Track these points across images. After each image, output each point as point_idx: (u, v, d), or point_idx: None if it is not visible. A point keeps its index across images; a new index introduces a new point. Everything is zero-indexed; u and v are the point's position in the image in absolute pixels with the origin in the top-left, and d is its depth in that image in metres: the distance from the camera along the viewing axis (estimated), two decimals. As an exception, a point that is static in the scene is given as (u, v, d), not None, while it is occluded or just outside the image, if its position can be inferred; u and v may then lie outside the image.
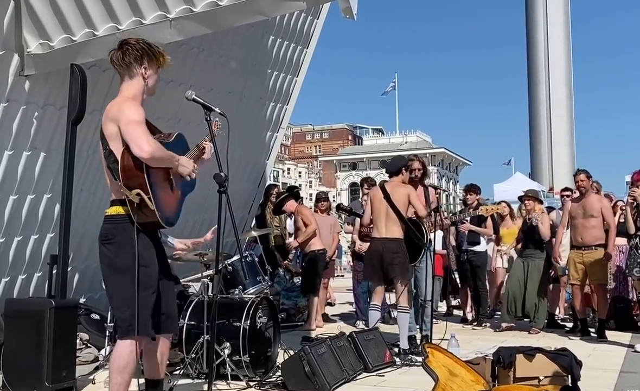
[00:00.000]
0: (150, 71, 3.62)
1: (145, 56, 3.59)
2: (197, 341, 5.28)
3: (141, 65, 3.59)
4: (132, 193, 3.42)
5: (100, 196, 6.94)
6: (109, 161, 3.53)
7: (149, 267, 3.52)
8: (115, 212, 3.55)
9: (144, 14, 5.26)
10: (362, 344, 5.80)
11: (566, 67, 53.64)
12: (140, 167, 3.41)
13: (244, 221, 9.76)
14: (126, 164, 3.41)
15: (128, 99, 3.55)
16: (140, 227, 3.49)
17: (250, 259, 6.38)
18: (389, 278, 6.56)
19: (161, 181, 3.56)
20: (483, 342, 7.43)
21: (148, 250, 3.55)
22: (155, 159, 3.42)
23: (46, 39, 5.49)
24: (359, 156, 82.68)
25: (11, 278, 6.33)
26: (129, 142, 3.38)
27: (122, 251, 3.47)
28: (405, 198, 6.56)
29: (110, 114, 3.50)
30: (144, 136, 3.39)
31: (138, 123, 3.42)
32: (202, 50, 7.02)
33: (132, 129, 3.39)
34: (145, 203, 3.42)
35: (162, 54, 3.66)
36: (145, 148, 3.35)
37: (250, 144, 9.02)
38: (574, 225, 8.19)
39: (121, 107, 3.49)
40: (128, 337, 3.45)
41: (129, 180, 3.43)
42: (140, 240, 3.48)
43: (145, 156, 3.36)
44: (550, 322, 8.91)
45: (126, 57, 3.59)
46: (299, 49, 8.91)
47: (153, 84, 3.67)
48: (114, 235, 3.52)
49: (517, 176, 28.06)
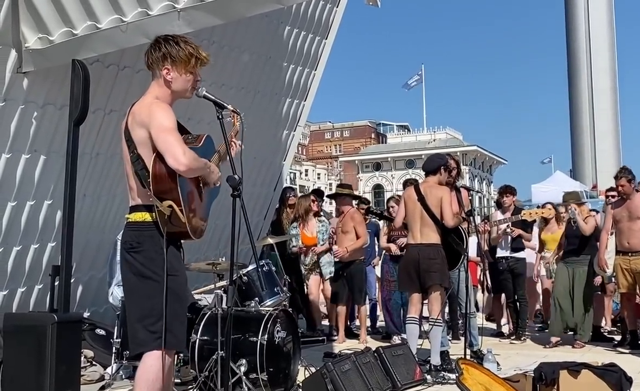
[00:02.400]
0: (175, 74, 3.62)
1: (168, 57, 3.60)
2: (211, 358, 5.28)
3: (163, 66, 3.62)
4: (164, 205, 3.45)
5: (104, 201, 6.99)
6: (136, 166, 3.54)
7: (179, 276, 3.59)
8: (142, 219, 3.57)
9: (150, 4, 5.29)
10: (390, 360, 5.77)
11: (610, 56, 53.17)
12: (173, 178, 3.44)
13: (260, 227, 9.78)
14: (158, 174, 3.44)
15: (156, 102, 3.57)
16: (167, 236, 3.53)
17: (266, 269, 6.38)
18: (426, 286, 6.53)
19: (192, 190, 3.61)
20: (522, 357, 7.36)
21: (178, 259, 3.61)
22: (191, 171, 3.46)
23: (45, 33, 5.53)
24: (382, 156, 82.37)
25: (10, 291, 6.38)
26: (164, 153, 3.40)
27: (150, 260, 3.51)
28: (439, 200, 6.53)
29: (140, 118, 3.52)
30: (180, 146, 3.40)
31: (171, 131, 3.44)
32: (212, 42, 7.04)
33: (165, 138, 3.41)
34: (177, 216, 3.46)
35: (192, 55, 3.65)
36: (183, 160, 3.37)
37: (265, 143, 9.03)
38: (619, 229, 8.11)
39: (151, 112, 3.50)
40: (158, 349, 3.47)
41: (161, 191, 3.46)
42: (169, 249, 3.53)
43: (183, 168, 3.39)
44: (595, 335, 8.81)
45: (149, 58, 3.66)
46: (317, 40, 8.91)
47: (181, 87, 3.67)
48: (139, 243, 3.54)
49: (558, 176, 27.81)
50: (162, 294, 3.46)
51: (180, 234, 3.57)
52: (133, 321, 3.56)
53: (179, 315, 3.58)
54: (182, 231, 3.54)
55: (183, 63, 3.62)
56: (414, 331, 6.59)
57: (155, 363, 3.48)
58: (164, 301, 3.46)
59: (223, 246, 8.21)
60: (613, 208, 8.27)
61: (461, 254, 6.73)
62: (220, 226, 8.32)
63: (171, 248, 3.57)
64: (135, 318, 3.54)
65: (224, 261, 6.14)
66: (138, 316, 3.52)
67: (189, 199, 3.54)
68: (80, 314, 6.05)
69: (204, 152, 3.69)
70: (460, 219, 6.73)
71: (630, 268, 7.92)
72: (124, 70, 6.36)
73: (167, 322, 3.48)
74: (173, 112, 3.58)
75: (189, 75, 3.67)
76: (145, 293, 3.52)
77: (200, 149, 3.67)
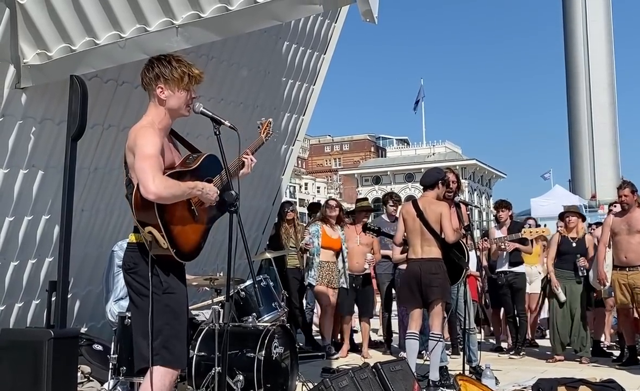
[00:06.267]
0: (168, 92, 3.66)
1: (160, 77, 3.65)
2: (208, 374, 5.26)
3: (156, 86, 3.66)
4: (145, 231, 3.50)
5: (102, 216, 6.99)
6: (127, 190, 3.63)
7: (176, 294, 3.62)
8: (136, 240, 3.64)
9: (148, 20, 5.30)
10: (388, 376, 5.73)
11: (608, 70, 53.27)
12: (151, 206, 3.46)
13: (258, 242, 9.77)
14: (138, 201, 3.48)
15: (144, 127, 3.61)
16: (159, 257, 3.57)
17: (264, 284, 6.38)
18: (428, 301, 6.51)
19: (180, 213, 3.60)
20: (521, 373, 7.36)
21: (172, 277, 3.63)
22: (163, 199, 3.46)
23: (44, 49, 5.55)
24: (382, 169, 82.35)
25: (7, 306, 6.37)
26: (138, 180, 3.45)
27: (146, 279, 3.56)
28: (438, 216, 6.53)
29: (129, 142, 3.59)
30: (150, 174, 3.42)
31: (148, 158, 3.46)
32: (211, 58, 7.06)
33: (140, 166, 3.45)
34: (158, 241, 3.49)
35: (185, 73, 3.68)
36: (151, 189, 3.39)
37: (264, 158, 9.02)
38: (616, 243, 8.09)
39: (137, 137, 3.55)
40: (160, 365, 3.53)
41: (141, 217, 3.51)
42: (163, 268, 3.57)
43: (151, 197, 3.41)
44: (595, 350, 8.80)
45: (143, 79, 3.72)
46: (315, 55, 8.94)
47: (175, 105, 3.70)
48: (135, 263, 3.61)
49: (557, 190, 27.89)
50: (160, 312, 3.53)
51: (170, 255, 3.58)
52: (138, 337, 3.63)
53: (178, 332, 3.60)
54: (169, 255, 3.56)
55: (176, 82, 3.66)
56: (414, 346, 6.56)
57: (157, 379, 3.53)
58: (164, 319, 3.52)
59: (221, 261, 8.19)
60: (612, 219, 8.25)
61: (463, 269, 6.72)
62: (218, 241, 8.31)
63: (167, 267, 3.60)
64: (139, 334, 3.61)
65: (222, 276, 6.14)
66: (141, 333, 3.59)
67: (174, 223, 3.54)
68: (77, 330, 6.03)
69: (201, 172, 3.72)
70: (460, 234, 6.73)
71: (628, 283, 7.90)
72: (123, 85, 6.38)
73: (164, 339, 3.52)
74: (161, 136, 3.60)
75: (183, 92, 3.69)
76: (145, 311, 3.57)
77: (194, 171, 3.70)
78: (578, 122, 52.98)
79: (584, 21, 52.64)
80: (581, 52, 53.00)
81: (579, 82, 52.93)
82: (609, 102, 52.52)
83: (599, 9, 52.27)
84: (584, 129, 52.44)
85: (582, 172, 51.98)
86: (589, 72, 52.25)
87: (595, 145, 51.41)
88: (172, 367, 3.58)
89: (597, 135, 51.45)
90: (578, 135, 52.97)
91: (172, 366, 3.58)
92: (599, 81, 51.92)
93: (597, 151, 51.21)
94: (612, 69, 53.38)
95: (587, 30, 52.34)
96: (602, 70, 52.23)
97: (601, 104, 51.81)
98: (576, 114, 53.22)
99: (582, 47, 52.98)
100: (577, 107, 53.11)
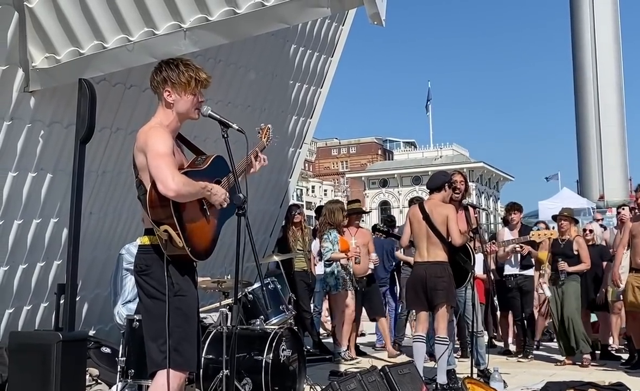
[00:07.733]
0: (176, 96, 3.69)
1: (168, 81, 3.68)
2: (216, 377, 5.28)
3: (164, 89, 3.69)
4: (160, 230, 3.51)
5: (110, 219, 7.00)
6: (139, 192, 3.66)
7: (187, 296, 3.64)
8: (149, 242, 3.65)
9: (156, 24, 5.31)
10: (396, 379, 5.74)
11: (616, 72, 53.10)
12: (167, 203, 3.48)
13: (265, 245, 9.77)
14: (153, 200, 3.50)
15: (154, 127, 3.64)
16: (172, 258, 3.58)
17: (272, 287, 6.38)
18: (433, 304, 6.51)
19: (193, 213, 3.63)
20: (530, 376, 7.34)
21: (185, 279, 3.65)
22: (181, 196, 3.50)
23: (52, 53, 5.57)
24: (389, 172, 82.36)
25: (16, 309, 6.38)
26: (155, 179, 3.48)
27: (157, 282, 3.59)
28: (445, 218, 6.52)
29: (139, 143, 3.61)
30: (169, 172, 3.45)
31: (163, 156, 3.50)
32: (218, 61, 7.07)
33: (156, 164, 3.48)
34: (174, 240, 3.50)
35: (192, 77, 3.71)
36: (171, 186, 3.43)
37: (272, 161, 8.98)
38: (634, 245, 8.02)
39: (148, 138, 3.57)
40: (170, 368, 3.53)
41: (157, 216, 3.52)
42: (175, 270, 3.59)
43: (171, 194, 3.44)
44: (603, 353, 8.76)
45: (152, 82, 3.75)
46: (323, 58, 8.94)
47: (183, 108, 3.72)
48: (148, 266, 3.63)
49: (564, 192, 27.82)
50: (172, 314, 3.54)
51: (183, 256, 3.59)
52: (148, 340, 3.64)
53: (188, 335, 3.62)
54: (184, 254, 3.57)
55: (183, 86, 3.69)
56: (421, 349, 6.57)
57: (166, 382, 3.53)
58: (175, 322, 3.54)
59: (228, 264, 8.19)
60: (632, 222, 8.19)
61: (468, 272, 6.71)
62: (226, 244, 8.31)
63: (178, 268, 3.62)
64: (149, 338, 3.62)
65: (229, 279, 6.15)
66: (152, 336, 3.61)
67: (189, 222, 3.57)
68: (85, 333, 6.04)
69: (211, 173, 3.74)
70: (467, 237, 6.72)
71: (643, 286, 7.83)
72: (131, 88, 6.39)
73: (174, 342, 3.54)
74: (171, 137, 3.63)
75: (190, 96, 3.72)
76: (156, 313, 3.60)
77: (204, 172, 3.71)
78: (586, 124, 52.72)
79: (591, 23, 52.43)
80: (589, 54, 52.78)
81: (587, 84, 52.70)
82: (617, 103, 52.25)
83: (606, 11, 52.08)
84: (591, 131, 52.21)
85: (589, 174, 51.72)
86: (597, 74, 52.01)
87: (603, 146, 51.15)
88: (182, 370, 3.59)
89: (605, 136, 51.18)
90: (586, 136, 52.72)
91: (181, 369, 3.58)
92: (606, 82, 51.66)
93: (604, 152, 50.94)
94: (620, 70, 53.20)
95: (595, 32, 52.13)
96: (610, 71, 51.98)
97: (609, 105, 51.55)
98: (584, 116, 52.97)
99: (589, 48, 52.77)
100: (584, 109, 52.87)
